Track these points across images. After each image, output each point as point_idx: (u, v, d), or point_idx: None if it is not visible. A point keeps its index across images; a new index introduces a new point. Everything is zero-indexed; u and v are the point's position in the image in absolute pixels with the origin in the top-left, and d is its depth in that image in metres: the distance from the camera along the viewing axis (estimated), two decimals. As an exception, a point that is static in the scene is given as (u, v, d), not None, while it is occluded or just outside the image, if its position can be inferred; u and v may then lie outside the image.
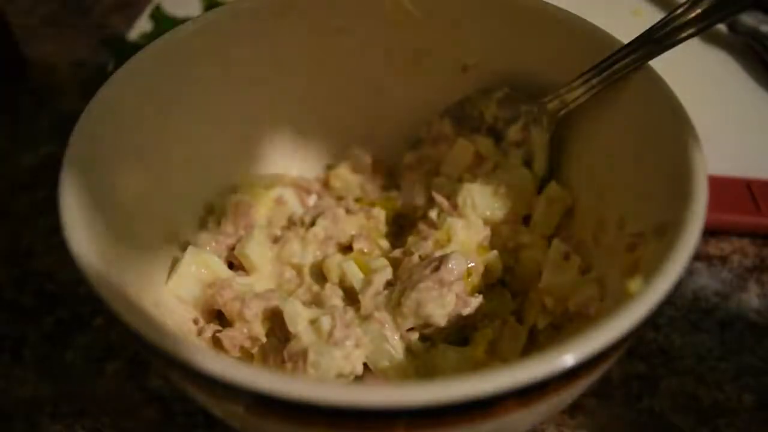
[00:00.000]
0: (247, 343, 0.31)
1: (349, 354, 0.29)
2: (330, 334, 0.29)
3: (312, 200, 0.38)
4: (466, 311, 0.31)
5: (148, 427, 0.33)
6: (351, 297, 0.33)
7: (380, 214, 0.37)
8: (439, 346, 0.31)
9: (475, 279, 0.32)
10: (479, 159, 0.37)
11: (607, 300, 0.29)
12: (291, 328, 0.30)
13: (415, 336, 0.31)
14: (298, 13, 0.35)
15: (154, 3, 0.58)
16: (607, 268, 0.29)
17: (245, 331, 0.31)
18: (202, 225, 0.36)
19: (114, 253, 0.25)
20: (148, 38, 0.52)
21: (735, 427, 0.33)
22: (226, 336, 0.31)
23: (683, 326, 0.37)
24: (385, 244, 0.36)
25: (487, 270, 0.33)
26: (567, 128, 0.35)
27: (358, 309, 0.32)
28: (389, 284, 0.32)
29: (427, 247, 0.33)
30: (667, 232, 0.25)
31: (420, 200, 0.37)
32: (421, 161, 0.39)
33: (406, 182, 0.39)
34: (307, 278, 0.34)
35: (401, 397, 0.19)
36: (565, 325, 0.31)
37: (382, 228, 0.37)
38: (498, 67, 0.36)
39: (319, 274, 0.34)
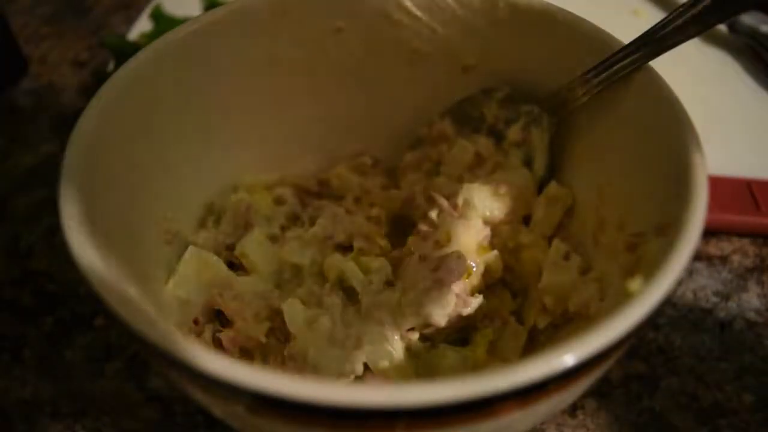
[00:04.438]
0: (247, 343, 0.31)
1: (349, 354, 0.29)
2: (330, 334, 0.29)
3: (312, 200, 0.38)
4: (466, 311, 0.31)
5: (148, 427, 0.33)
6: (351, 297, 0.33)
7: (380, 214, 0.37)
8: (439, 346, 0.31)
9: (475, 279, 0.32)
10: (479, 159, 0.37)
11: (607, 300, 0.29)
12: (291, 328, 0.30)
13: (415, 336, 0.31)
14: (298, 13, 0.35)
15: (154, 3, 0.58)
16: (607, 268, 0.29)
17: (245, 331, 0.31)
18: (202, 225, 0.36)
19: (114, 254, 0.25)
20: (148, 38, 0.52)
21: (735, 427, 0.33)
22: (226, 336, 0.31)
23: (683, 326, 0.37)
24: (385, 244, 0.36)
25: (487, 270, 0.33)
26: (567, 128, 0.35)
27: (358, 309, 0.32)
28: (389, 284, 0.32)
29: (427, 247, 0.33)
30: (667, 232, 0.25)
31: (420, 200, 0.37)
32: (421, 161, 0.39)
33: (406, 182, 0.39)
34: (307, 278, 0.34)
35: (401, 397, 0.19)
36: (565, 325, 0.31)
37: (382, 228, 0.37)
38: (498, 67, 0.36)
39: (319, 274, 0.34)
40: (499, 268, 0.33)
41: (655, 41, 0.30)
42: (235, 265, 0.35)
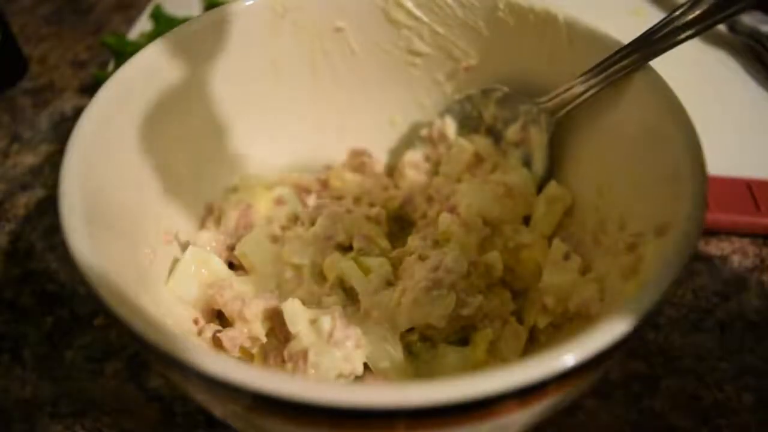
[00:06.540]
0: (247, 343, 0.31)
1: (349, 354, 0.29)
2: (330, 334, 0.29)
3: (312, 200, 0.38)
4: (466, 311, 0.31)
5: (148, 427, 0.33)
6: (351, 297, 0.33)
7: (380, 214, 0.37)
8: (439, 346, 0.31)
9: (475, 279, 0.32)
10: (479, 159, 0.37)
11: (607, 300, 0.29)
12: (291, 328, 0.30)
13: (415, 336, 0.31)
14: (298, 13, 0.35)
15: (154, 3, 0.58)
16: (607, 268, 0.29)
17: (245, 331, 0.31)
18: (202, 225, 0.36)
19: (114, 253, 0.25)
20: (148, 38, 0.52)
21: (735, 427, 0.33)
22: (226, 336, 0.31)
23: (683, 326, 0.37)
24: (385, 244, 0.36)
25: (487, 270, 0.33)
26: (567, 128, 0.35)
27: (358, 309, 0.32)
28: (389, 284, 0.32)
29: (426, 247, 0.33)
30: (667, 232, 0.25)
31: (420, 200, 0.37)
32: (421, 161, 0.39)
33: (406, 182, 0.39)
34: (307, 278, 0.34)
35: (401, 397, 0.19)
36: (565, 325, 0.31)
37: (382, 228, 0.37)
38: (498, 67, 0.36)
39: (319, 274, 0.34)
40: (499, 268, 0.33)
41: (656, 42, 0.30)
42: (235, 265, 0.35)
